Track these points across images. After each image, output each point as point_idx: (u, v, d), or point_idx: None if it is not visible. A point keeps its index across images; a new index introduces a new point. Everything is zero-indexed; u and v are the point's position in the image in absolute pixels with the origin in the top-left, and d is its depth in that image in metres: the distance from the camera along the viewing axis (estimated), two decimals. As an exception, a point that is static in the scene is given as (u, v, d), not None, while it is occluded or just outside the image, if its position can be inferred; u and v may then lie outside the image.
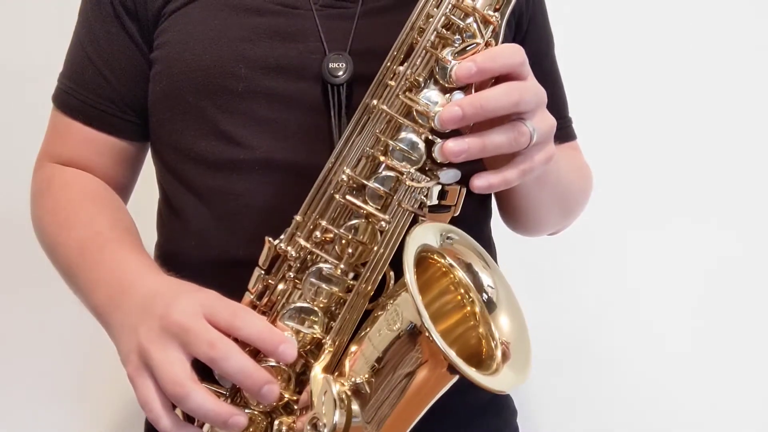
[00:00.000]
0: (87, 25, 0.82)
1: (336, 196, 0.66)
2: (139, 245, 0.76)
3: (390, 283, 0.67)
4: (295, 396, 0.67)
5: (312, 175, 0.68)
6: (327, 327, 0.67)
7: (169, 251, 0.81)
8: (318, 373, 0.64)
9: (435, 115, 0.62)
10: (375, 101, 0.66)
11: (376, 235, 0.66)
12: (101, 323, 0.72)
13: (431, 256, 0.67)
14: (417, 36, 0.66)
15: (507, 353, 0.65)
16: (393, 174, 0.65)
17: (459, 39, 0.64)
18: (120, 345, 0.67)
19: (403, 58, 0.66)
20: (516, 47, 0.63)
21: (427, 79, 0.65)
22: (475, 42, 0.64)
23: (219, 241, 0.75)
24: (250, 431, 0.67)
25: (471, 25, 0.64)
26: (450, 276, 0.68)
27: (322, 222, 0.67)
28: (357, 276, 0.67)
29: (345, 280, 0.67)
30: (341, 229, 0.66)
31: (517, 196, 0.79)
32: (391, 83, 0.66)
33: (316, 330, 0.67)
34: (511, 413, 0.90)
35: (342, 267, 0.66)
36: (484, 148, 0.62)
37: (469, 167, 0.65)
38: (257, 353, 0.65)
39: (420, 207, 0.66)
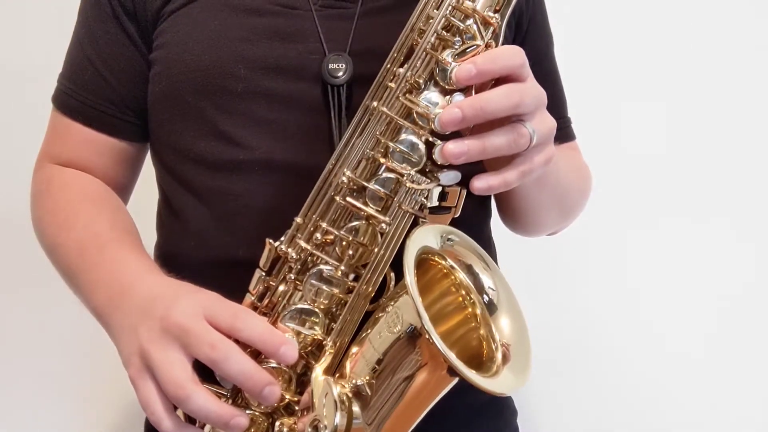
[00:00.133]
0: (86, 26, 0.82)
1: (336, 197, 0.66)
2: (139, 246, 0.76)
3: (390, 285, 0.67)
4: (296, 397, 0.67)
5: (312, 176, 0.68)
6: (328, 328, 0.67)
7: (169, 252, 0.81)
8: (319, 375, 0.64)
9: (435, 117, 0.62)
10: (375, 103, 0.66)
11: (376, 237, 0.66)
12: (101, 324, 0.72)
13: (432, 257, 0.67)
14: (417, 37, 0.66)
15: (507, 355, 0.65)
16: (393, 176, 0.65)
17: (459, 41, 0.64)
18: (121, 346, 0.67)
19: (403, 59, 0.66)
20: (516, 49, 0.63)
21: (427, 81, 0.64)
22: (475, 44, 0.63)
23: (218, 242, 0.75)
24: (251, 432, 0.67)
25: (471, 27, 0.64)
26: (451, 278, 0.68)
27: (322, 224, 0.67)
28: (357, 277, 0.67)
29: (345, 281, 0.67)
30: (342, 231, 0.66)
31: (517, 197, 0.79)
32: (392, 85, 0.65)
33: (316, 331, 0.67)
34: (512, 413, 0.90)
35: (342, 269, 0.66)
36: (484, 149, 0.62)
37: (469, 168, 0.65)
38: (258, 354, 0.65)
39: (420, 208, 0.66)
